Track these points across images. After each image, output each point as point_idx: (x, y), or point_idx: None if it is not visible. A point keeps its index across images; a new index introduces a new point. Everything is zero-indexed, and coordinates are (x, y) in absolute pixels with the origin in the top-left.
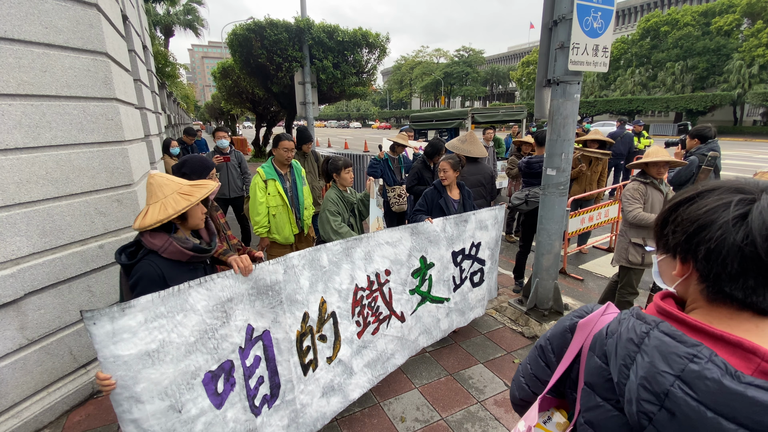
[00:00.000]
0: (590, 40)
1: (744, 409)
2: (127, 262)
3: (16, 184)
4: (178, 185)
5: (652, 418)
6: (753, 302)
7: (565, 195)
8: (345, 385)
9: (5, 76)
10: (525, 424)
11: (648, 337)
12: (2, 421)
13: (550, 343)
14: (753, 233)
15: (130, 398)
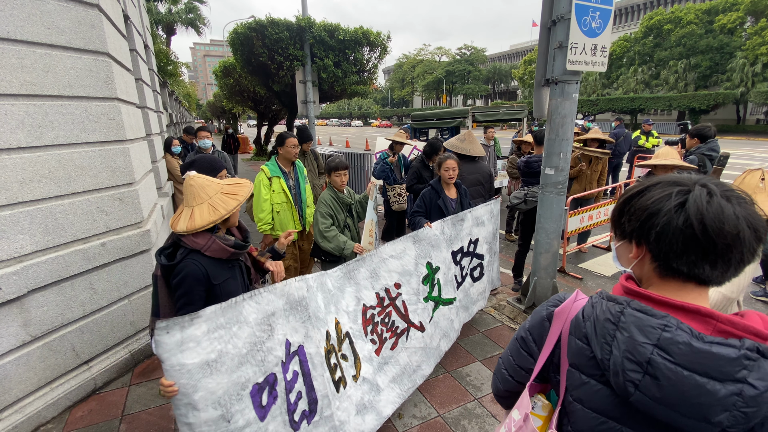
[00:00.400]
0: (589, 40)
1: (711, 363)
2: (169, 263)
3: (19, 182)
4: (219, 185)
5: (638, 385)
6: (695, 274)
7: (564, 194)
8: (375, 402)
9: (8, 76)
10: (520, 412)
11: (623, 315)
12: (6, 416)
13: (530, 333)
14: (690, 218)
15: (188, 404)
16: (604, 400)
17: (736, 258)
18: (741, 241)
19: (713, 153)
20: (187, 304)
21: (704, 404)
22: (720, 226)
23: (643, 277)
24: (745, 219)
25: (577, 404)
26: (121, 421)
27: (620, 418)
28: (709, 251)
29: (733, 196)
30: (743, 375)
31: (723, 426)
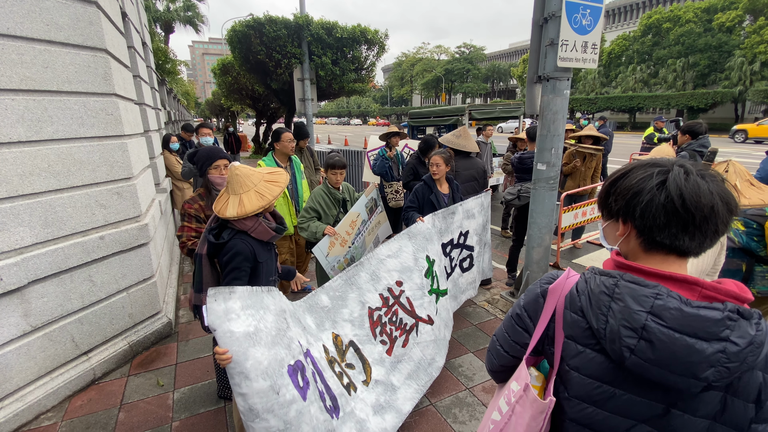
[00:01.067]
0: (579, 37)
1: (699, 325)
2: (218, 242)
3: (19, 176)
4: (261, 174)
5: (633, 349)
6: (676, 246)
7: (555, 189)
8: (393, 401)
9: (8, 71)
10: (519, 383)
11: (617, 287)
12: (7, 404)
13: (526, 310)
14: (671, 194)
15: (240, 373)
16: (598, 366)
17: (712, 229)
18: (716, 214)
19: (703, 149)
20: (235, 279)
21: (693, 362)
22: (697, 200)
23: (629, 252)
24: (719, 194)
25: (573, 372)
26: (119, 410)
27: (613, 382)
28: (688, 224)
29: (707, 174)
30: (726, 334)
31: (708, 381)
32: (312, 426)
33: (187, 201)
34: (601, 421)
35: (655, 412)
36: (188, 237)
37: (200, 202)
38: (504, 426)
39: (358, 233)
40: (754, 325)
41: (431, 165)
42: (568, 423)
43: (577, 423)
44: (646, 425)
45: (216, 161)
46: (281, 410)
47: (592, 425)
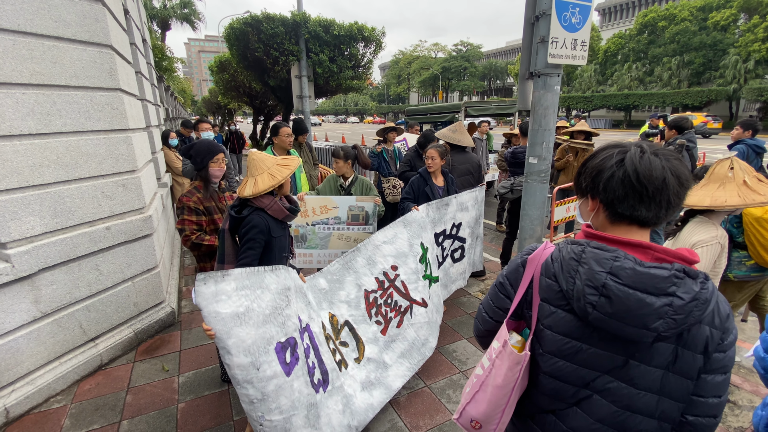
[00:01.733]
0: (569, 35)
1: (650, 282)
2: (239, 216)
3: (30, 167)
4: (274, 159)
5: (595, 305)
6: (635, 216)
7: (546, 182)
8: (383, 378)
9: (19, 66)
10: (499, 341)
11: (584, 253)
12: (19, 387)
13: (507, 278)
14: (627, 170)
15: (223, 348)
16: (568, 324)
17: (665, 200)
18: (667, 186)
19: (690, 143)
20: (249, 248)
21: (645, 314)
22: (649, 174)
23: (599, 225)
24: (670, 169)
25: (547, 330)
26: (127, 393)
27: (581, 338)
28: (643, 195)
29: (661, 152)
30: (673, 290)
31: (658, 331)
32: (291, 399)
33: (184, 194)
34: (570, 372)
35: (617, 364)
36: (191, 230)
37: (198, 195)
38: (486, 378)
39: (324, 222)
40: (699, 283)
41: (427, 158)
42: (542, 376)
43: (550, 376)
44: (609, 375)
45: (217, 155)
46: (260, 383)
47: (563, 377)
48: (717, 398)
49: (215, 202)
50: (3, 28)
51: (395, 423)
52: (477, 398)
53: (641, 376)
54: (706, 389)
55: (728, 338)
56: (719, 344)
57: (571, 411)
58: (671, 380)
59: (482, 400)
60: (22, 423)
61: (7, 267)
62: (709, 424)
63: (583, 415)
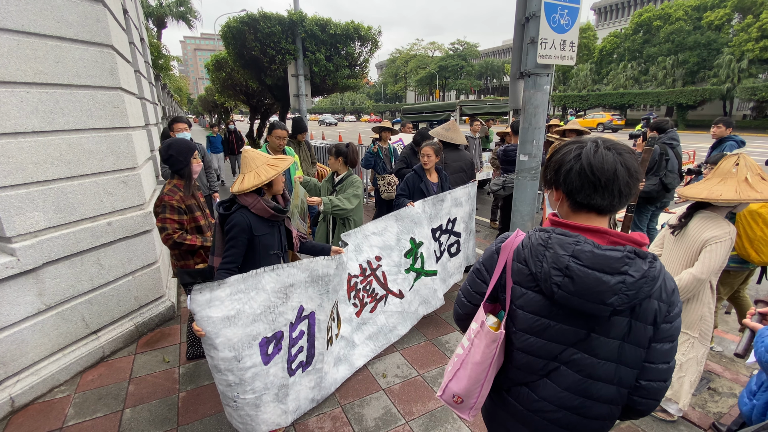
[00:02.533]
0: (557, 36)
1: (605, 262)
2: (224, 213)
3: (34, 164)
4: (266, 158)
5: (560, 285)
6: (592, 204)
7: (537, 179)
8: (349, 356)
9: (23, 65)
10: (476, 321)
11: (549, 239)
12: (24, 377)
13: (483, 265)
14: (583, 163)
15: (210, 345)
16: (537, 304)
17: (616, 190)
18: (617, 177)
19: (674, 141)
20: (231, 246)
21: (601, 291)
22: (601, 167)
23: (563, 213)
24: (621, 162)
25: (519, 310)
26: (129, 383)
27: (548, 315)
28: (597, 185)
29: (614, 147)
30: (625, 269)
31: (614, 306)
32: (265, 382)
33: (166, 193)
34: (540, 347)
35: (580, 337)
36: (173, 229)
37: (180, 193)
38: (465, 356)
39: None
40: (648, 263)
41: (422, 155)
42: (516, 352)
43: (522, 351)
44: (573, 348)
45: (195, 151)
46: (239, 372)
47: (533, 351)
48: (666, 364)
49: (196, 200)
50: (7, 29)
51: (389, 409)
52: (458, 375)
53: (601, 346)
54: (656, 356)
55: (674, 310)
56: (666, 316)
57: (542, 382)
58: (626, 349)
59: (463, 376)
60: (27, 412)
61: (13, 260)
62: (660, 388)
63: (552, 385)
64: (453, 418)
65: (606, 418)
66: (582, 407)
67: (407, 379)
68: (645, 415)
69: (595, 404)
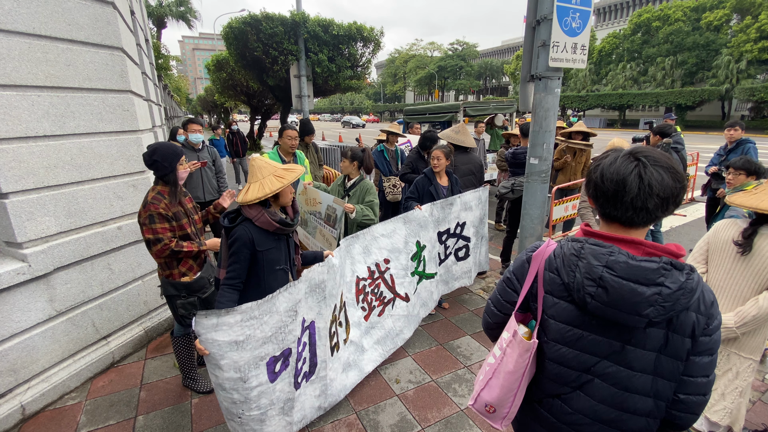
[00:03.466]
0: (569, 39)
1: (641, 274)
2: (229, 225)
3: (45, 168)
4: (274, 168)
5: (593, 295)
6: (611, 215)
7: (547, 182)
8: (359, 361)
9: (34, 69)
10: (509, 331)
11: (583, 249)
12: (34, 384)
13: (514, 274)
14: (597, 173)
15: (214, 365)
16: (569, 314)
17: (628, 202)
18: (625, 189)
19: (678, 145)
20: (234, 262)
21: (636, 302)
22: (610, 177)
23: (601, 223)
24: (638, 174)
25: (551, 320)
26: (140, 389)
27: (581, 326)
28: (607, 196)
29: (642, 158)
30: (661, 280)
31: (649, 317)
32: (271, 398)
33: (151, 201)
34: (572, 358)
35: (614, 349)
36: (169, 238)
37: (164, 201)
38: (498, 366)
39: (314, 214)
40: (685, 274)
41: (432, 158)
42: (548, 362)
43: (554, 361)
44: (607, 360)
45: (182, 156)
46: (245, 391)
47: (566, 362)
48: (705, 378)
49: (183, 206)
50: (19, 31)
51: (404, 416)
52: (491, 384)
53: (637, 359)
54: (695, 370)
55: (713, 323)
56: (705, 329)
57: (575, 395)
58: (663, 362)
59: (495, 385)
60: (38, 420)
61: (24, 266)
62: (699, 402)
63: (586, 398)
64: (469, 424)
65: (643, 431)
66: (618, 420)
67: (421, 384)
68: (683, 429)
69: (632, 417)
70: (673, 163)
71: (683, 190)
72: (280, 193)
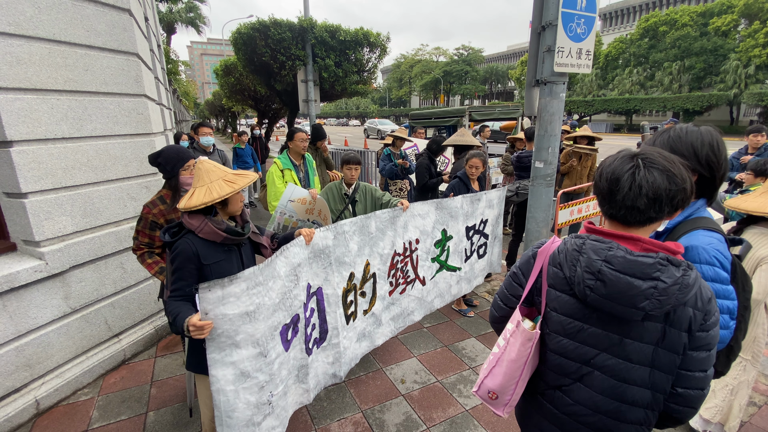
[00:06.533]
0: (574, 44)
1: (637, 268)
2: (169, 240)
3: (63, 169)
4: (223, 172)
5: (592, 288)
6: (606, 212)
7: (552, 186)
8: (373, 333)
9: (54, 73)
10: (512, 322)
11: (584, 245)
12: (49, 380)
13: (520, 269)
14: (598, 172)
15: (231, 345)
16: (570, 307)
17: (619, 200)
18: (618, 187)
19: None
20: (178, 278)
21: (633, 295)
22: (607, 176)
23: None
24: (632, 174)
25: (553, 312)
26: (151, 386)
27: (581, 318)
28: (604, 194)
29: (645, 160)
30: (657, 275)
31: (645, 310)
32: (288, 367)
33: (148, 203)
34: (573, 350)
35: (613, 342)
36: (138, 245)
37: (161, 207)
38: (501, 354)
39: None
40: (681, 270)
41: (470, 167)
42: (549, 354)
43: (555, 353)
44: (606, 353)
45: (187, 161)
46: (268, 367)
47: (566, 354)
48: (703, 372)
49: None
50: (40, 37)
51: (410, 415)
52: (494, 372)
53: (635, 351)
54: (692, 364)
55: (710, 319)
56: (702, 324)
57: (576, 386)
58: (661, 354)
59: (498, 373)
60: (52, 414)
61: (41, 264)
62: (697, 396)
63: (586, 389)
64: (474, 424)
65: (642, 423)
66: (617, 411)
67: (426, 385)
68: (681, 423)
69: (631, 408)
70: (676, 165)
71: (681, 192)
72: (230, 200)
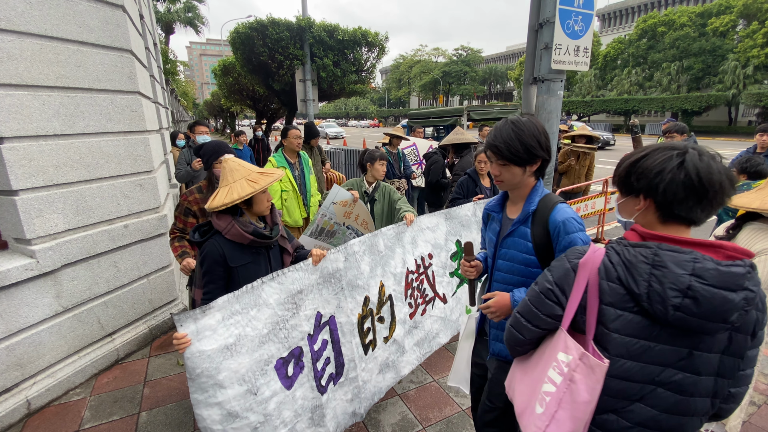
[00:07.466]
0: (571, 42)
1: (732, 280)
2: (198, 240)
3: (54, 167)
4: (247, 171)
5: (678, 306)
6: (690, 217)
7: (550, 184)
8: (398, 362)
9: (46, 69)
10: (569, 353)
11: (657, 256)
12: (40, 380)
13: (557, 284)
14: (690, 173)
15: (214, 385)
16: (636, 326)
17: (718, 202)
18: (723, 189)
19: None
20: (209, 282)
21: (726, 310)
22: (709, 178)
23: (646, 224)
24: (724, 172)
25: (614, 334)
26: (144, 386)
27: (649, 337)
28: (702, 197)
29: (713, 155)
30: (747, 284)
31: (734, 323)
32: (294, 408)
33: (186, 191)
34: (637, 371)
35: (681, 356)
36: (172, 230)
37: (197, 195)
38: (563, 395)
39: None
40: (756, 274)
41: (479, 162)
42: (609, 379)
43: (617, 378)
44: (672, 368)
45: (221, 155)
46: (259, 407)
47: (630, 377)
48: (752, 368)
49: None
50: (31, 33)
51: (405, 415)
52: (557, 417)
53: (703, 363)
54: (748, 363)
55: (765, 317)
56: (762, 324)
57: (635, 406)
58: (725, 362)
59: (565, 418)
60: (44, 414)
61: (32, 262)
62: (744, 392)
63: (648, 409)
64: (470, 425)
65: (696, 428)
66: (679, 425)
67: (422, 384)
68: (723, 419)
69: (691, 419)
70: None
71: None
72: (254, 200)
